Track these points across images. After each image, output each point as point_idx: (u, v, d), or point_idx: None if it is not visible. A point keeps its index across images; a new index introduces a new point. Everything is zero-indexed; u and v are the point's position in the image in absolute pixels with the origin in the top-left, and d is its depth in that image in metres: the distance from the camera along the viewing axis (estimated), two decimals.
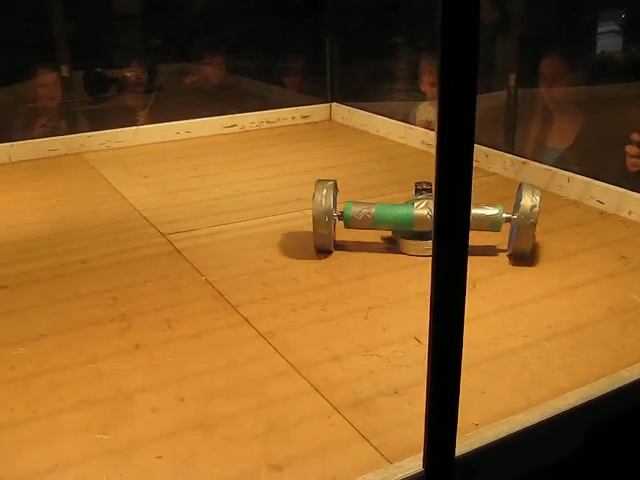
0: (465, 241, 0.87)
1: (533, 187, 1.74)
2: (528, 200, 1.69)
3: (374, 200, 1.86)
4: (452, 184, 0.82)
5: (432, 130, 2.77)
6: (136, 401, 1.24)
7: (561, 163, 2.29)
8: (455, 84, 0.79)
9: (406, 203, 1.80)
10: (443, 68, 0.79)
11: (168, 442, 1.14)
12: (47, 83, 2.85)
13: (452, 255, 0.87)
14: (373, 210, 1.78)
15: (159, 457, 1.10)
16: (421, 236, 1.78)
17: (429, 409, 0.94)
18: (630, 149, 2.19)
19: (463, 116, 0.81)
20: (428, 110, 2.99)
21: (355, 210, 1.79)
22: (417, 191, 1.87)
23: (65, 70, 2.82)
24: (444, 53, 0.78)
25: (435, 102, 2.49)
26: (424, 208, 1.75)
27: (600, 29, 2.79)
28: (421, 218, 1.75)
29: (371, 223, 1.78)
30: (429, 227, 1.70)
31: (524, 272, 1.71)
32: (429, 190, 1.85)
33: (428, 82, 3.00)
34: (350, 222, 1.79)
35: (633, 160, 2.18)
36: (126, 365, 1.35)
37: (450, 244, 0.86)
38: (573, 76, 2.48)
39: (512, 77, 2.41)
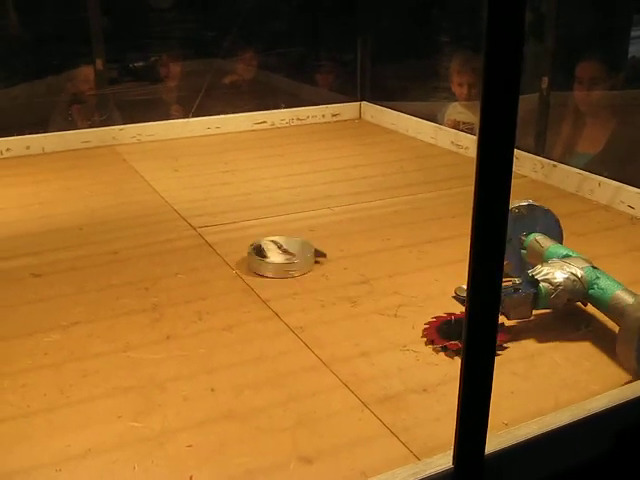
0: (503, 237, 0.87)
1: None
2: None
3: (404, 199, 1.84)
4: (492, 179, 0.83)
5: (460, 130, 2.77)
6: (167, 390, 1.26)
7: (590, 169, 2.28)
8: (498, 87, 0.80)
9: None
10: (487, 71, 0.79)
11: (199, 431, 1.15)
12: (88, 79, 2.89)
13: (488, 251, 0.87)
14: None
15: (190, 446, 1.12)
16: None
17: (461, 406, 0.94)
18: None
19: (505, 120, 0.82)
20: (457, 110, 3.00)
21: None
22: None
23: (99, 64, 2.86)
24: (488, 56, 0.79)
25: (464, 103, 2.48)
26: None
27: (634, 33, 2.78)
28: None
29: None
30: None
31: None
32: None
33: (457, 82, 3.00)
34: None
35: None
36: (158, 355, 1.37)
37: (487, 239, 0.86)
38: (610, 81, 2.47)
39: (545, 80, 2.40)
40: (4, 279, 1.70)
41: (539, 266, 1.44)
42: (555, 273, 1.40)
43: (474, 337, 0.91)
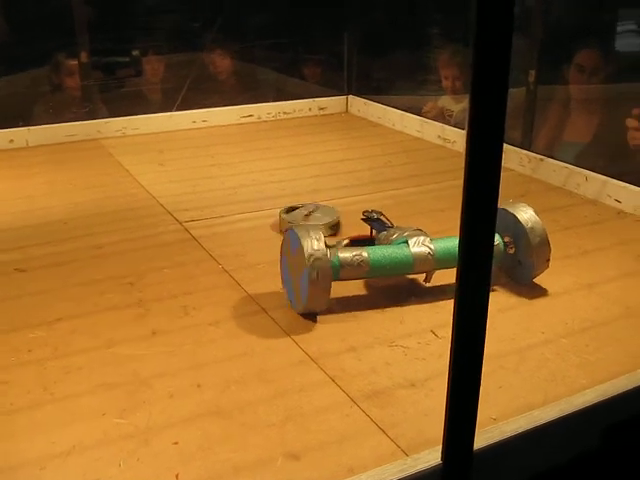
0: (491, 235, 0.86)
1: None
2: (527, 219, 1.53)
3: (391, 193, 1.84)
4: (481, 174, 0.82)
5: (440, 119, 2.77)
6: (153, 387, 1.24)
7: (581, 159, 2.27)
8: (488, 80, 0.79)
9: (393, 243, 1.55)
10: (476, 64, 0.79)
11: (185, 428, 1.14)
12: (73, 71, 2.86)
13: (477, 249, 0.86)
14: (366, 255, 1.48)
15: (175, 443, 1.11)
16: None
17: (449, 402, 0.93)
18: (630, 122, 2.16)
19: (494, 114, 0.81)
20: (445, 103, 2.98)
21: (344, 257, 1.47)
22: (370, 221, 1.73)
23: (84, 56, 2.83)
24: (477, 48, 0.78)
25: (453, 96, 2.47)
26: (421, 246, 1.50)
27: (620, 28, 2.78)
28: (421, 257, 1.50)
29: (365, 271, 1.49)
30: (430, 267, 1.52)
31: None
32: (380, 220, 1.72)
33: (443, 76, 2.97)
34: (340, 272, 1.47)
35: (633, 133, 2.16)
36: (143, 351, 1.35)
37: (476, 238, 0.85)
38: (605, 72, 2.46)
39: (532, 73, 2.39)
40: None
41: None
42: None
43: (462, 332, 0.91)
